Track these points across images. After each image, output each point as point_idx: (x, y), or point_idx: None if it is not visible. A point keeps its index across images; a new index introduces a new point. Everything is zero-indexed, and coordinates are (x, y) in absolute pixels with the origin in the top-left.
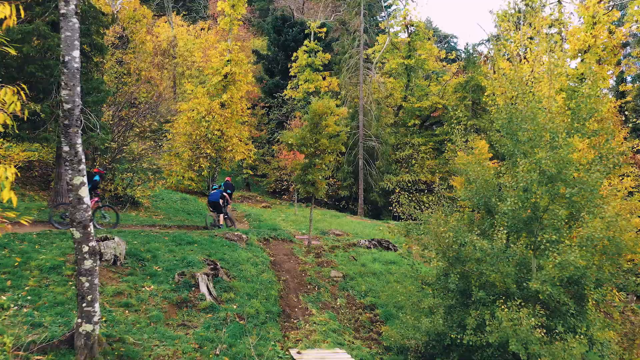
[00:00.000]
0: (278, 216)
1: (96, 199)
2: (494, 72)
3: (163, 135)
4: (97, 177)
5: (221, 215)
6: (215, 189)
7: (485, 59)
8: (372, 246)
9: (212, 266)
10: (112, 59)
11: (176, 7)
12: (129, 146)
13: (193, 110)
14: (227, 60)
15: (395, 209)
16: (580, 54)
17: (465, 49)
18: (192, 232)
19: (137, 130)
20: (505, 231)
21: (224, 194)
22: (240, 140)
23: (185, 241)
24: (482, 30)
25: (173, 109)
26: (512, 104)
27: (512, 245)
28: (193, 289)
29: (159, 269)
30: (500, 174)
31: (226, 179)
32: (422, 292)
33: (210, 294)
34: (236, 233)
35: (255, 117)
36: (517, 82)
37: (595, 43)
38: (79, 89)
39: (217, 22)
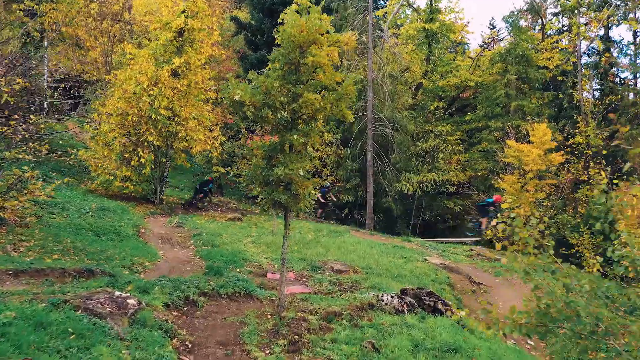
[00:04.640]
0: (247, 235)
1: None
2: (543, 38)
3: (88, 116)
4: None
5: None
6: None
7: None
8: (405, 308)
9: None
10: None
11: None
12: None
13: (132, 79)
14: (182, 11)
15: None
16: None
17: (489, 24)
18: (41, 286)
19: None
20: None
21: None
22: (201, 124)
23: None
24: None
25: (106, 79)
26: None
27: None
28: None
29: None
30: None
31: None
32: None
33: None
34: (117, 295)
35: None
36: None
37: None
38: None
39: None
